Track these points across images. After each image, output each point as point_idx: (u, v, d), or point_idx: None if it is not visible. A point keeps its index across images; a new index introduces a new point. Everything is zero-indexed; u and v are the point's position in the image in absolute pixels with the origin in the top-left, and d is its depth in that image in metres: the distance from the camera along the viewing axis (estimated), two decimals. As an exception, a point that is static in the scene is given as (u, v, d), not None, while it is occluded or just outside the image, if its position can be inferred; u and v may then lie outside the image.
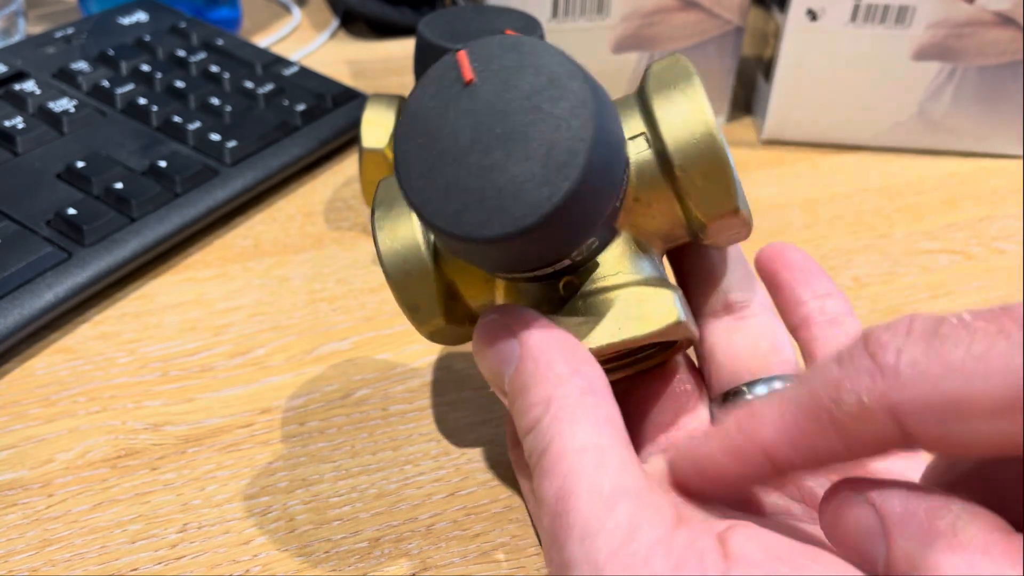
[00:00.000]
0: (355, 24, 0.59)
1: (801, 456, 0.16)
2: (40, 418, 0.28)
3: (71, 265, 0.32)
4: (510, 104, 0.17)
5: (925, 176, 0.43)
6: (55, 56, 0.43)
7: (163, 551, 0.24)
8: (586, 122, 0.17)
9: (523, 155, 0.17)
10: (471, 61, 0.18)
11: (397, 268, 0.22)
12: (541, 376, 0.18)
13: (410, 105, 0.18)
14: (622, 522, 0.16)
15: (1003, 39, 0.40)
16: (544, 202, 0.17)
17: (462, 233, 0.17)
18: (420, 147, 0.18)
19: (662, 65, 0.21)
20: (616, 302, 0.20)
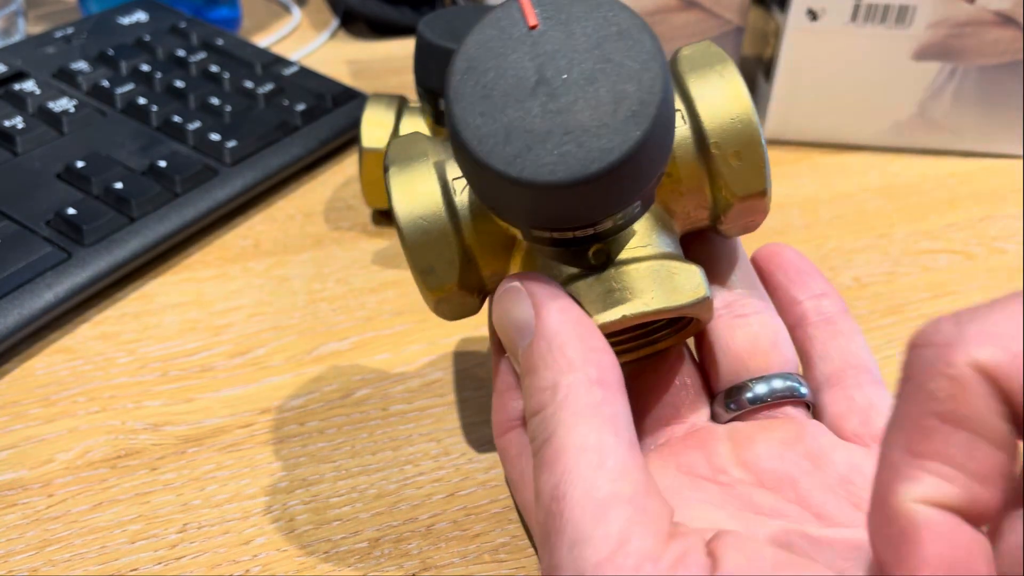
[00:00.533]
0: (355, 24, 0.59)
1: None
2: (40, 418, 0.28)
3: (71, 265, 0.32)
4: (578, 51, 0.17)
5: (925, 176, 0.43)
6: (55, 56, 0.43)
7: (163, 551, 0.24)
8: (656, 76, 0.17)
9: (592, 101, 0.17)
10: (535, 5, 0.18)
11: (414, 228, 0.21)
12: (552, 359, 0.18)
13: (466, 48, 0.18)
14: (613, 531, 0.15)
15: (1004, 39, 0.40)
16: (614, 149, 0.17)
17: (526, 176, 0.17)
18: (479, 87, 0.18)
19: (694, 48, 0.21)
20: (649, 273, 0.20)
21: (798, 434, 0.22)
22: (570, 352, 0.18)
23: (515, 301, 0.19)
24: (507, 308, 0.19)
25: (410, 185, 0.21)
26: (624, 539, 0.15)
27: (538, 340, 0.18)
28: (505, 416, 0.23)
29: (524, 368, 0.19)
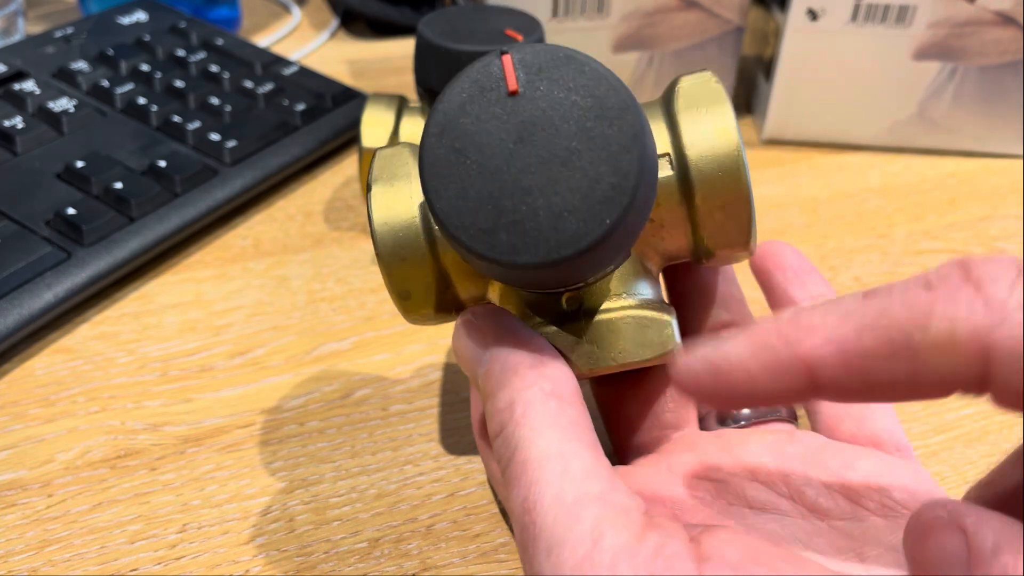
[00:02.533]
0: (355, 24, 0.59)
1: (851, 379, 0.15)
2: (40, 418, 0.28)
3: (70, 265, 0.32)
4: (557, 124, 0.17)
5: (925, 176, 0.43)
6: (55, 56, 0.43)
7: (163, 551, 0.24)
8: (634, 161, 0.16)
9: (566, 183, 0.17)
10: (516, 67, 0.17)
11: (391, 252, 0.21)
12: (507, 379, 0.18)
13: (444, 105, 0.17)
14: (587, 530, 0.16)
15: (1004, 39, 0.40)
16: (582, 237, 0.16)
17: (491, 255, 0.17)
18: (452, 153, 0.17)
19: (693, 82, 0.20)
20: (618, 325, 0.20)
21: (789, 436, 0.22)
22: (522, 370, 0.18)
23: (469, 333, 0.20)
24: (463, 340, 0.20)
25: (390, 208, 0.21)
26: (598, 536, 0.16)
27: (492, 364, 0.19)
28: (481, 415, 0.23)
29: (483, 393, 0.19)
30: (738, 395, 0.16)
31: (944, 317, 0.14)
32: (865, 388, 0.15)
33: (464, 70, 0.17)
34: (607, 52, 0.43)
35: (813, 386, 0.15)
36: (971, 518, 0.15)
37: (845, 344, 0.15)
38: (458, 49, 0.32)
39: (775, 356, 0.15)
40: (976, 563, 0.14)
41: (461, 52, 0.32)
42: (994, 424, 0.29)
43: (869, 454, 0.21)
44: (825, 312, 0.15)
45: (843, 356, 0.15)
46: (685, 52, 0.44)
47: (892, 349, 0.14)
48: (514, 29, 0.33)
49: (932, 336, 0.14)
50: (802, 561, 0.16)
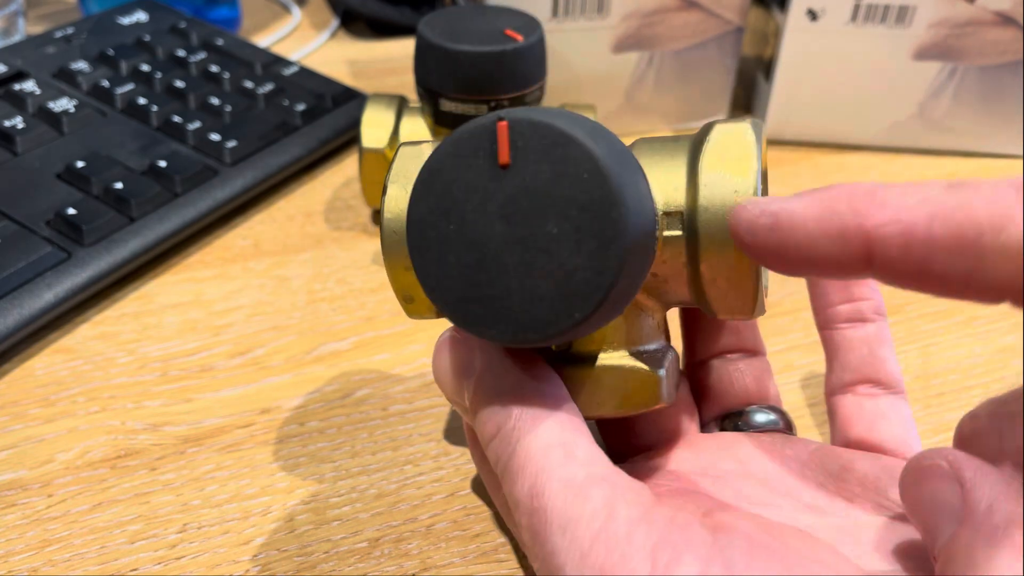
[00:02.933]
0: (355, 24, 0.59)
1: (907, 264, 0.15)
2: (40, 418, 0.28)
3: (71, 265, 0.32)
4: (541, 207, 0.16)
5: (925, 176, 0.43)
6: (55, 56, 0.43)
7: (163, 551, 0.24)
8: (612, 261, 0.16)
9: (542, 269, 0.16)
10: (511, 139, 0.17)
11: (397, 261, 0.21)
12: (501, 384, 0.19)
13: (434, 164, 0.17)
14: (599, 506, 0.16)
15: (1004, 39, 0.40)
16: (550, 325, 0.16)
17: (462, 324, 0.17)
18: (436, 214, 0.17)
19: (728, 134, 0.19)
20: (599, 375, 0.20)
21: (786, 439, 0.22)
22: (515, 375, 0.19)
23: (453, 349, 0.20)
24: (446, 357, 0.20)
25: (402, 214, 0.20)
26: (611, 510, 0.16)
27: (484, 372, 0.19)
28: None
29: (474, 401, 0.19)
30: (794, 255, 0.16)
31: (1021, 223, 0.13)
32: (917, 276, 0.15)
33: (461, 128, 0.17)
34: (607, 52, 0.43)
35: (867, 262, 0.15)
36: (970, 472, 0.15)
37: (914, 228, 0.14)
38: (458, 49, 0.32)
39: (840, 223, 0.15)
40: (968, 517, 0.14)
41: (461, 52, 0.32)
42: (994, 424, 0.29)
43: (867, 457, 0.21)
44: (903, 193, 0.15)
45: (907, 239, 0.14)
46: (685, 52, 0.44)
47: (960, 244, 0.14)
48: (514, 29, 0.33)
49: (1003, 239, 0.13)
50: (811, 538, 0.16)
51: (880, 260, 0.15)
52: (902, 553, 0.18)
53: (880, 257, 0.15)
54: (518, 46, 0.32)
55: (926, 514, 0.15)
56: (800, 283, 0.34)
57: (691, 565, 0.15)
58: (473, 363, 0.19)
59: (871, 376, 0.23)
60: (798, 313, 0.33)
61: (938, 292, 0.15)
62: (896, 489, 0.20)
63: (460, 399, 0.20)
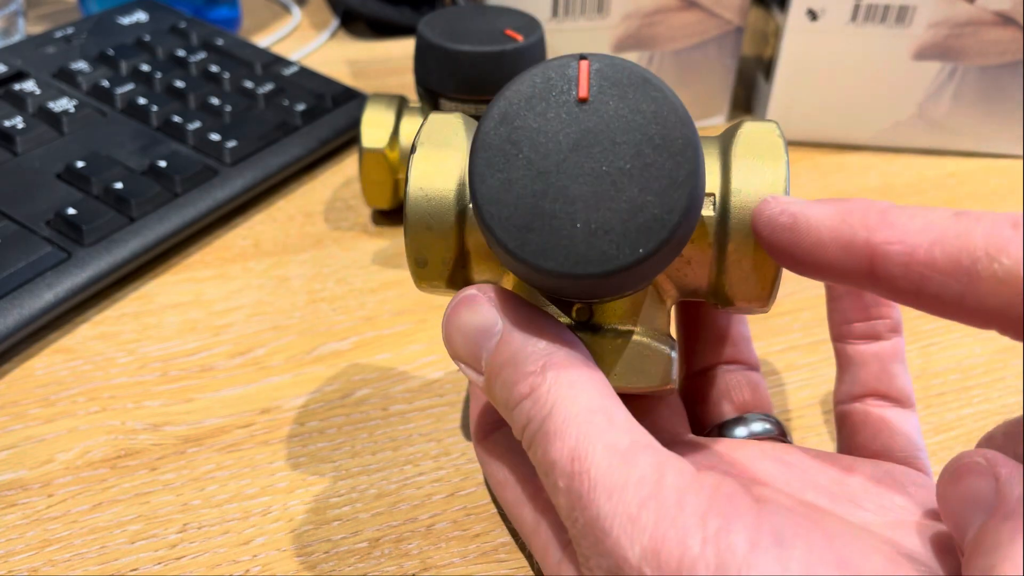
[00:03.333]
0: (355, 24, 0.59)
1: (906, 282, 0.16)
2: (40, 418, 0.28)
3: (71, 265, 0.32)
4: (616, 142, 0.17)
5: (925, 176, 0.43)
6: (55, 56, 0.43)
7: (163, 551, 0.24)
8: (682, 198, 0.16)
9: (610, 202, 0.16)
10: (592, 76, 0.17)
11: (419, 219, 0.20)
12: (532, 345, 0.18)
13: (510, 94, 0.17)
14: (647, 473, 0.16)
15: (1004, 39, 0.40)
16: (612, 260, 0.16)
17: (519, 252, 0.17)
18: (507, 142, 0.17)
19: (756, 130, 0.20)
20: (620, 348, 0.20)
21: (786, 447, 0.22)
22: (546, 336, 0.18)
23: (475, 307, 0.19)
24: (466, 315, 0.19)
25: (428, 175, 0.20)
26: (659, 477, 0.16)
27: (511, 332, 0.19)
28: (486, 419, 0.23)
29: (498, 361, 0.19)
30: (805, 256, 0.17)
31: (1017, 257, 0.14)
32: (915, 294, 0.16)
33: (539, 65, 0.17)
34: (607, 52, 0.43)
35: (871, 275, 0.16)
36: (1006, 468, 0.15)
37: (916, 250, 0.15)
38: (458, 49, 0.32)
39: (849, 235, 0.16)
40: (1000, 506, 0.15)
41: (461, 52, 0.32)
42: (994, 424, 0.29)
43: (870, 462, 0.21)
44: (912, 216, 0.16)
45: (908, 259, 0.16)
46: (685, 52, 0.44)
47: (956, 268, 0.15)
48: (514, 29, 0.33)
49: (995, 268, 0.14)
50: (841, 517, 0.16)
51: (882, 275, 0.16)
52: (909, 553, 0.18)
53: (882, 272, 0.16)
54: (518, 46, 0.32)
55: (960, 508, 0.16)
56: (800, 283, 0.34)
57: (741, 533, 0.15)
58: (496, 323, 0.19)
59: (881, 391, 0.23)
60: (798, 313, 0.33)
61: (932, 311, 0.16)
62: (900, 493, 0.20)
63: (475, 361, 0.19)
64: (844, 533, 0.15)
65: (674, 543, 0.15)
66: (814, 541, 0.15)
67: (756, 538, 0.15)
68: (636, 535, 0.15)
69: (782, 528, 0.15)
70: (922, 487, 0.21)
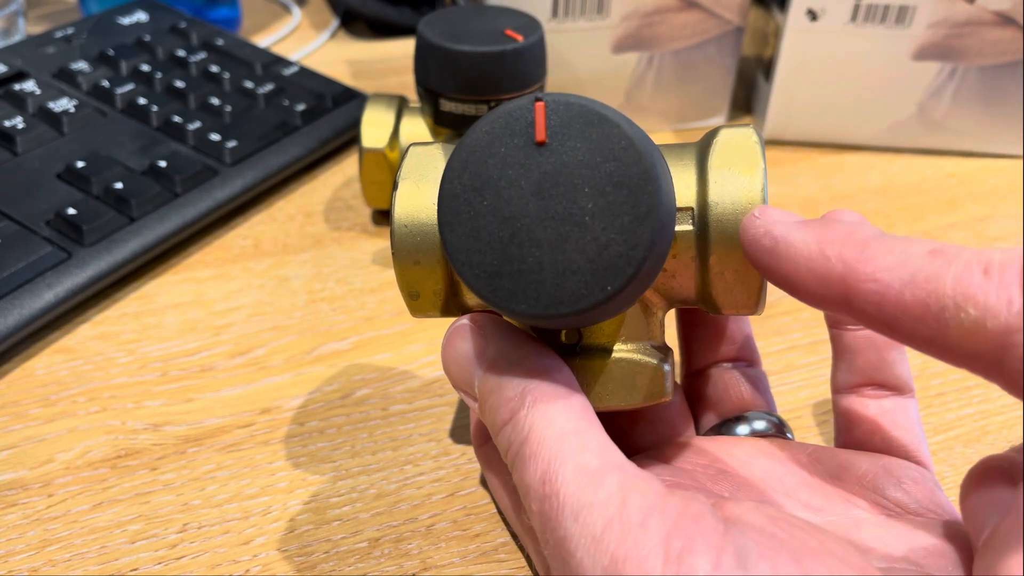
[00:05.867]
0: (355, 24, 0.59)
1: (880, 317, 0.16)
2: (40, 418, 0.28)
3: (71, 265, 0.32)
4: (576, 183, 0.17)
5: (925, 176, 0.43)
6: (55, 56, 0.43)
7: (163, 551, 0.24)
8: (645, 233, 0.17)
9: (575, 243, 0.17)
10: (548, 118, 0.17)
11: (406, 255, 0.21)
12: (515, 371, 0.19)
13: (470, 141, 0.18)
14: (613, 493, 0.16)
15: (1003, 39, 0.40)
16: (582, 299, 0.17)
17: (492, 298, 0.17)
18: (470, 191, 0.17)
19: (732, 137, 0.20)
20: (611, 367, 0.20)
21: (783, 443, 0.22)
22: (529, 363, 0.19)
23: (467, 337, 0.20)
24: (458, 345, 0.20)
25: (412, 210, 0.20)
26: (624, 497, 0.16)
27: (497, 360, 0.19)
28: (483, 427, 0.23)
29: (485, 389, 0.19)
30: (783, 280, 0.17)
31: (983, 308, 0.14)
32: (887, 329, 0.16)
33: (496, 109, 0.18)
34: (607, 52, 0.43)
35: (846, 306, 0.16)
36: None
37: (889, 290, 0.15)
38: (458, 49, 0.32)
39: (826, 269, 0.16)
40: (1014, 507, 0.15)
41: (461, 52, 0.32)
42: (994, 424, 0.29)
43: (866, 456, 0.21)
44: (890, 250, 0.16)
45: (881, 299, 0.16)
46: (685, 52, 0.44)
47: (926, 313, 0.15)
48: (514, 29, 0.33)
49: (962, 318, 0.14)
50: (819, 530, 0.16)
51: (857, 310, 0.16)
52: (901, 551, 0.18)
53: (857, 308, 0.16)
54: (518, 46, 0.32)
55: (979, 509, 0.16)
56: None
57: (703, 555, 0.15)
58: (487, 351, 0.19)
59: (878, 379, 0.23)
60: (798, 313, 0.33)
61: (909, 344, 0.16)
62: (895, 488, 0.20)
63: (469, 388, 0.20)
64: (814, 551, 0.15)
65: (634, 564, 0.15)
66: (780, 562, 0.15)
67: (719, 560, 0.15)
68: (599, 556, 0.15)
69: (747, 549, 0.15)
70: (919, 482, 0.21)
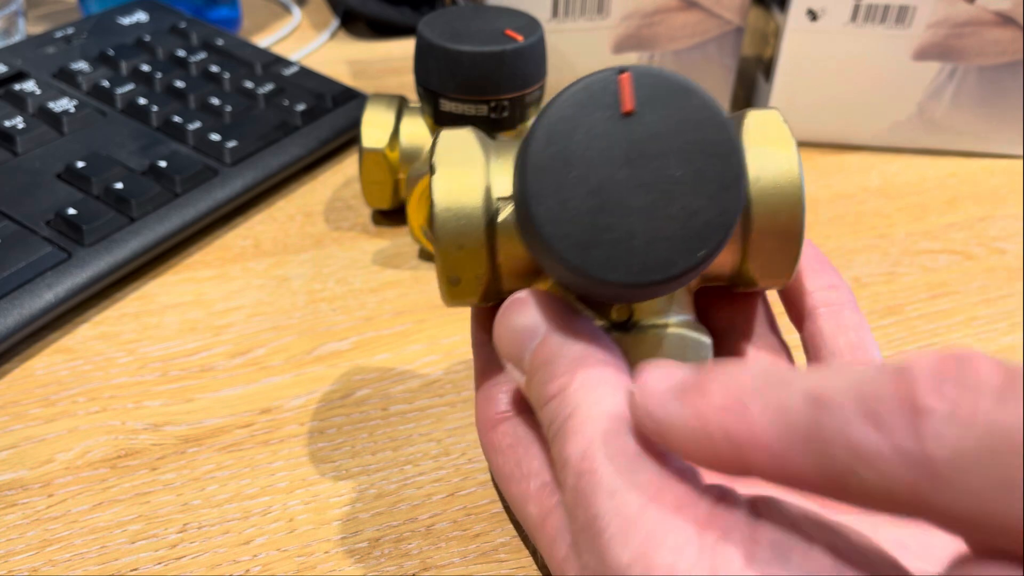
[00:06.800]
0: (355, 24, 0.59)
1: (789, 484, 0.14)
2: (40, 418, 0.28)
3: (71, 265, 0.32)
4: (665, 152, 0.17)
5: (925, 176, 0.43)
6: (55, 56, 0.43)
7: (163, 551, 0.24)
8: (733, 199, 0.17)
9: (665, 211, 0.17)
10: (634, 88, 0.17)
11: (449, 240, 0.20)
12: (568, 348, 0.19)
13: (555, 112, 0.18)
14: (652, 477, 0.16)
15: (1003, 39, 0.40)
16: (673, 265, 0.17)
17: (583, 268, 0.17)
18: (557, 161, 0.17)
19: (761, 118, 0.21)
20: (661, 341, 0.21)
21: None
22: (582, 341, 0.19)
23: (523, 310, 0.20)
24: (515, 317, 0.20)
25: (453, 194, 0.20)
26: (663, 483, 0.16)
27: (551, 335, 0.19)
28: (494, 409, 0.23)
29: (536, 363, 0.20)
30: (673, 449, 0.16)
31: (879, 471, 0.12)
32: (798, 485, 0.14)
33: (578, 82, 0.18)
34: (607, 52, 0.43)
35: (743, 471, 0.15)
36: None
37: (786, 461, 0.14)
38: (458, 49, 0.32)
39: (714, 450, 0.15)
40: None
41: (461, 52, 0.32)
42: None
43: None
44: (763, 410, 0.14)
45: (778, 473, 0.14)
46: (685, 52, 0.44)
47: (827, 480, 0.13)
48: (514, 29, 0.33)
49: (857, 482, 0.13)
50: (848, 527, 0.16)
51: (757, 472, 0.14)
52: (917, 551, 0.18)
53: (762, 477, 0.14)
54: (518, 46, 0.32)
55: None
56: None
57: (738, 546, 0.15)
58: (541, 326, 0.20)
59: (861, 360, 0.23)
60: (798, 313, 0.33)
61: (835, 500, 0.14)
62: None
63: (519, 360, 0.20)
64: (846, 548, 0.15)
65: (668, 550, 0.15)
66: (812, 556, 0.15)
67: (752, 552, 0.15)
68: (631, 537, 0.15)
69: (781, 543, 0.15)
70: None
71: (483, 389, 0.24)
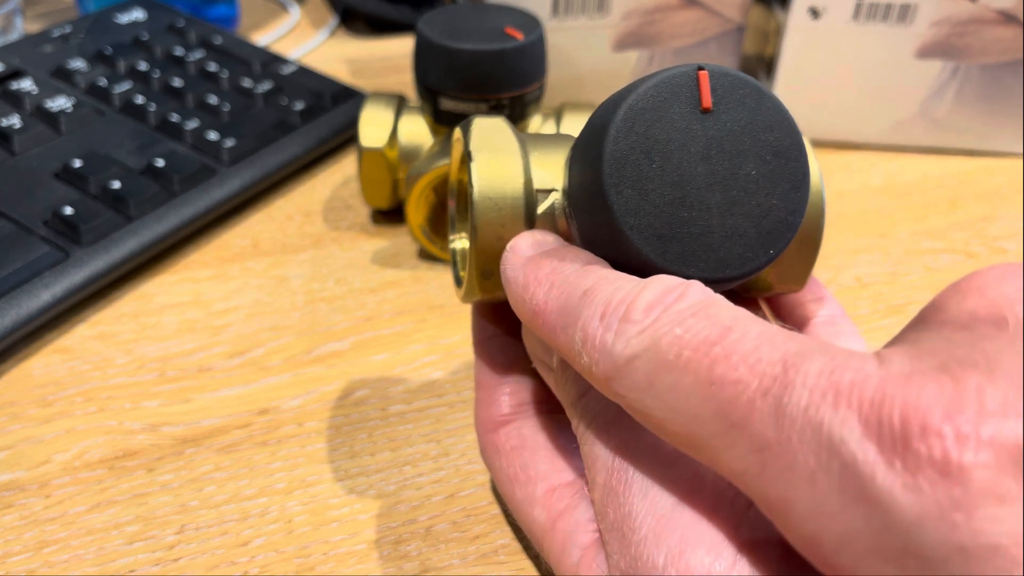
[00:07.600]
0: (354, 22, 0.59)
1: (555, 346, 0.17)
2: (37, 419, 0.28)
3: (68, 265, 0.31)
4: (741, 149, 0.17)
5: (927, 175, 0.43)
6: (52, 55, 0.43)
7: (160, 552, 0.24)
8: (802, 199, 0.17)
9: (741, 208, 0.17)
10: (712, 86, 0.17)
11: (490, 228, 0.20)
12: None
13: (636, 103, 0.17)
14: (685, 475, 0.16)
15: (1006, 37, 0.40)
16: (748, 262, 0.17)
17: (661, 261, 0.17)
18: (638, 152, 0.17)
19: None
20: None
21: None
22: None
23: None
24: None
25: (493, 183, 0.20)
26: (695, 483, 0.16)
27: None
28: (496, 411, 0.23)
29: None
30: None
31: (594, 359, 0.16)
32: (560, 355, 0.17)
33: (654, 76, 0.18)
34: (607, 51, 0.43)
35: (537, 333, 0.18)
36: None
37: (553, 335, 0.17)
38: (458, 48, 0.32)
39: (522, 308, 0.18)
40: None
41: (461, 51, 0.32)
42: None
43: None
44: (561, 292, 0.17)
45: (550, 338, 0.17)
46: (685, 51, 0.44)
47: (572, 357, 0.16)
48: (514, 27, 0.33)
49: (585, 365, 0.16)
50: None
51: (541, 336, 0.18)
52: None
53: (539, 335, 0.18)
54: (518, 44, 0.32)
55: None
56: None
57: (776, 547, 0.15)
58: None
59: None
60: (799, 313, 0.33)
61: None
62: None
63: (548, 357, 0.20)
64: None
65: (704, 550, 0.15)
66: None
67: (789, 550, 0.15)
68: (664, 535, 0.15)
69: None
70: None
71: (485, 390, 0.24)
